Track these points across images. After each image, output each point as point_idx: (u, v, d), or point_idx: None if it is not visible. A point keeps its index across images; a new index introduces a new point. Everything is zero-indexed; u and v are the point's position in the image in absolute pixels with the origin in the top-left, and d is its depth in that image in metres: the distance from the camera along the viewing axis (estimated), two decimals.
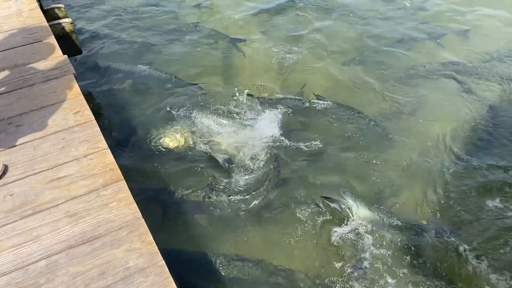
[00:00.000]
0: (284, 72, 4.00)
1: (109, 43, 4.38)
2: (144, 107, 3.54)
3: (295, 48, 4.32)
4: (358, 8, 5.01)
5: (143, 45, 4.33)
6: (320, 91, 3.72)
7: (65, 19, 3.55)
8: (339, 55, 4.23)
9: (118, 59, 4.09)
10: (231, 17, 4.82)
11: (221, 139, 3.22)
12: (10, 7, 3.19)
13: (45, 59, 2.69)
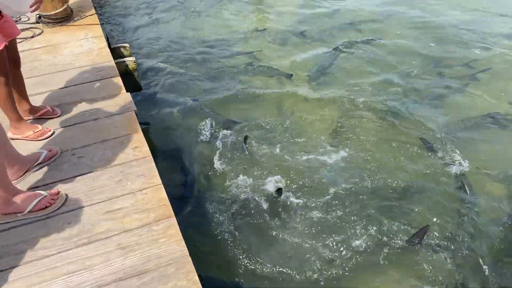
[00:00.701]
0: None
1: (166, 79, 4.60)
2: (196, 143, 3.65)
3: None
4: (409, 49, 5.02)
5: (197, 82, 4.52)
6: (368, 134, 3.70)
7: (129, 58, 3.79)
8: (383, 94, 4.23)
9: (174, 96, 4.28)
10: (283, 60, 4.95)
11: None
12: (82, 46, 3.46)
13: (110, 96, 2.87)
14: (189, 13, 6.08)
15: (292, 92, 4.36)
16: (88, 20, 3.81)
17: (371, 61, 4.93)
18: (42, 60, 3.26)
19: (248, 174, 3.28)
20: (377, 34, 5.50)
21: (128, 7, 6.17)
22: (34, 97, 2.82)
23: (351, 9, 6.28)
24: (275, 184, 3.18)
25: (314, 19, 5.89)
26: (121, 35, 5.45)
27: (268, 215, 2.98)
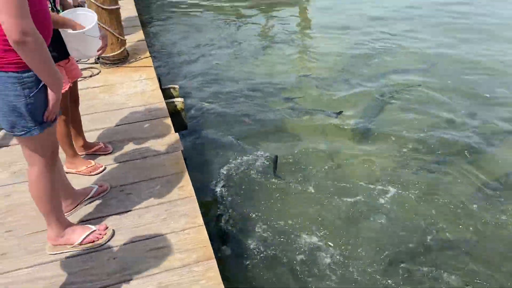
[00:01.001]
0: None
1: (210, 118, 4.75)
2: (237, 181, 3.70)
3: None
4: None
5: (241, 123, 4.63)
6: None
7: (178, 99, 3.97)
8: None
9: (218, 134, 4.40)
10: (328, 104, 5.01)
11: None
12: (136, 87, 3.67)
13: (160, 135, 3.01)
14: (236, 55, 6.32)
15: (336, 134, 4.38)
16: (143, 62, 4.05)
17: (420, 106, 4.88)
18: (98, 99, 3.48)
19: (288, 216, 3.28)
20: (427, 76, 5.48)
21: (180, 49, 6.49)
22: (89, 133, 2.99)
23: (398, 51, 6.32)
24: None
25: (360, 64, 5.95)
26: (171, 74, 5.72)
27: (305, 268, 2.94)
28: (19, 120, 1.74)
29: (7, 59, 1.62)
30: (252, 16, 8.04)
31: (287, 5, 8.69)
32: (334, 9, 8.24)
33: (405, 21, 7.58)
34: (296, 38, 7.05)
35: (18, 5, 1.47)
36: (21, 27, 1.49)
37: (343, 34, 7.01)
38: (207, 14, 8.08)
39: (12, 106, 1.70)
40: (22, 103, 1.69)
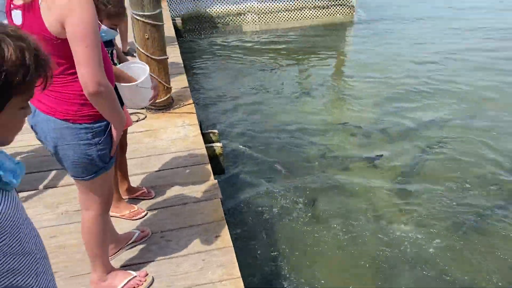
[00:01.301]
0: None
1: (246, 162, 4.82)
2: (273, 228, 3.70)
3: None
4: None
5: (276, 168, 4.67)
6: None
7: (217, 144, 4.08)
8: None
9: (253, 179, 4.46)
10: (363, 154, 4.99)
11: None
12: (179, 132, 3.82)
13: (199, 182, 3.09)
14: (273, 100, 6.47)
15: (371, 187, 4.34)
16: (186, 108, 4.22)
17: (465, 153, 4.80)
18: (143, 143, 3.64)
19: (327, 268, 3.23)
20: (471, 122, 5.39)
21: (220, 93, 6.72)
22: (133, 177, 3.11)
23: (439, 96, 6.28)
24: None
25: (400, 110, 5.94)
26: (211, 118, 5.90)
27: None
28: (89, 166, 1.84)
29: (83, 112, 1.74)
30: (290, 61, 8.26)
31: (325, 50, 8.88)
32: (372, 54, 8.34)
33: (446, 65, 7.57)
34: (334, 84, 7.15)
35: (97, 58, 1.58)
36: (97, 78, 1.59)
37: (382, 80, 7.07)
38: (246, 59, 8.36)
39: (83, 154, 1.80)
40: (93, 150, 1.80)
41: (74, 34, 1.55)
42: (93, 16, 1.57)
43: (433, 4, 12.19)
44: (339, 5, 10.91)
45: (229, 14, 10.36)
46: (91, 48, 1.56)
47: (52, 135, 1.76)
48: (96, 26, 1.59)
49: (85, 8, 1.54)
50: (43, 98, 1.74)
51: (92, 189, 1.94)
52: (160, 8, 3.73)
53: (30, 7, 1.58)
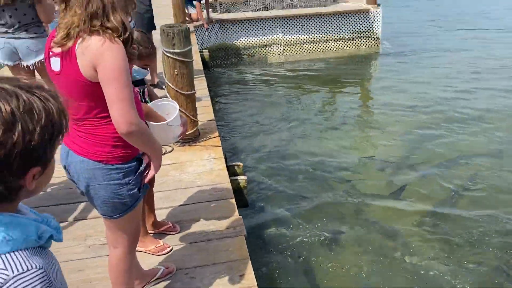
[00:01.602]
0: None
1: (270, 195, 4.82)
2: (302, 267, 3.65)
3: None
4: None
5: (302, 202, 4.65)
6: None
7: (242, 177, 4.09)
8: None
9: (278, 212, 4.45)
10: (389, 190, 4.91)
11: None
12: (205, 165, 3.86)
13: (224, 217, 3.09)
14: (298, 132, 6.50)
15: (399, 221, 4.26)
16: (212, 141, 4.28)
17: (495, 194, 4.66)
18: (169, 176, 3.69)
19: None
20: (500, 161, 5.26)
21: (245, 124, 6.80)
22: (158, 211, 3.14)
23: (466, 133, 6.17)
24: None
25: (427, 146, 5.86)
26: (235, 149, 5.96)
27: None
28: (119, 205, 1.88)
29: (114, 154, 1.80)
30: (316, 92, 8.33)
31: (350, 82, 8.92)
32: (398, 88, 8.32)
33: (474, 96, 7.46)
34: (359, 117, 7.15)
35: (127, 98, 1.65)
36: (129, 118, 1.65)
37: (408, 114, 7.02)
38: (271, 90, 8.47)
39: (114, 193, 1.84)
40: (123, 189, 1.84)
41: (106, 77, 1.63)
42: (123, 60, 1.65)
43: (461, 36, 12.15)
44: (364, 37, 11.00)
45: (254, 45, 10.58)
46: (121, 90, 1.63)
47: (84, 175, 1.82)
48: (126, 68, 1.66)
49: (115, 52, 1.63)
50: (77, 139, 1.80)
51: (120, 227, 1.98)
52: (190, 46, 3.85)
53: (68, 54, 1.67)
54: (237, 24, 10.34)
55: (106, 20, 1.64)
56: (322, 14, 10.60)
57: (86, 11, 1.62)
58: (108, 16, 1.64)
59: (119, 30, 1.65)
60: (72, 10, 1.64)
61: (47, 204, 3.29)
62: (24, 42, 3.72)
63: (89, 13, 1.62)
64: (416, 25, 13.63)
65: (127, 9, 1.72)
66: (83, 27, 1.63)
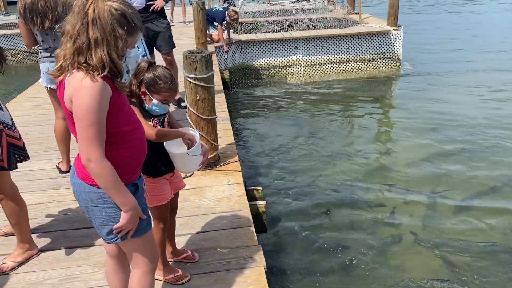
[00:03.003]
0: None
1: (290, 223, 4.75)
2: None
3: None
4: None
5: (321, 233, 4.57)
6: None
7: (261, 201, 4.06)
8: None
9: (300, 242, 4.38)
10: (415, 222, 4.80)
11: None
12: (224, 191, 3.84)
13: (243, 247, 3.06)
14: (317, 155, 6.44)
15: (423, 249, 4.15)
16: (232, 166, 4.27)
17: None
18: (189, 201, 3.68)
19: None
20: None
21: (264, 145, 6.79)
22: (177, 238, 3.12)
23: (488, 161, 6.01)
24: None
25: (449, 172, 5.73)
26: (254, 173, 5.94)
27: None
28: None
29: None
30: (335, 114, 8.29)
31: (370, 103, 8.87)
32: (419, 110, 8.22)
33: (495, 126, 7.29)
34: (380, 139, 7.07)
35: (88, 137, 1.71)
36: (87, 155, 1.73)
37: (430, 136, 6.92)
38: (291, 111, 8.48)
39: (109, 216, 1.89)
40: (118, 213, 1.87)
41: (75, 113, 1.72)
42: (95, 99, 1.68)
43: (482, 57, 12.00)
44: (385, 58, 10.96)
45: (274, 66, 10.65)
46: (86, 128, 1.70)
47: (82, 197, 1.90)
48: (96, 107, 1.68)
49: (85, 94, 1.67)
50: (80, 163, 1.86)
51: (133, 250, 2.01)
52: (212, 71, 3.88)
53: (61, 84, 1.78)
54: (257, 45, 10.44)
55: (90, 57, 1.69)
56: (343, 36, 10.62)
57: (74, 46, 1.70)
58: (91, 52, 1.69)
59: (98, 69, 1.69)
60: (66, 43, 1.73)
61: (68, 228, 3.31)
62: None
63: (75, 48, 1.70)
64: (436, 46, 13.53)
65: (116, 45, 1.72)
66: (71, 61, 1.71)
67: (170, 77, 2.36)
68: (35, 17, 3.59)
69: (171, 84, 2.35)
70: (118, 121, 1.82)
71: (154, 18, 5.53)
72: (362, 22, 12.09)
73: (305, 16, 12.72)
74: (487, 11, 20.82)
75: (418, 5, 24.20)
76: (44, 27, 3.63)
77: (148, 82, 2.33)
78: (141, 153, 1.98)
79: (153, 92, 2.35)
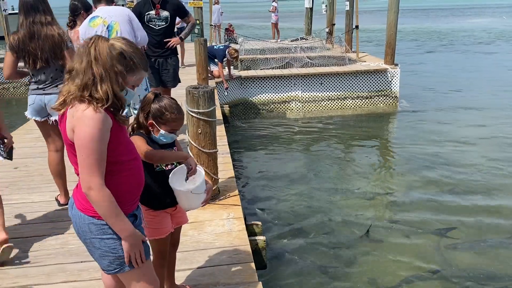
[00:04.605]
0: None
1: (290, 259, 4.69)
2: None
3: None
4: None
5: (321, 270, 4.50)
6: None
7: (260, 237, 4.03)
8: None
9: (300, 281, 4.30)
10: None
11: None
12: (224, 226, 3.81)
13: (243, 283, 3.01)
14: (315, 190, 6.44)
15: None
16: (232, 200, 4.25)
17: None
18: (188, 236, 3.64)
19: None
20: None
21: (263, 182, 6.78)
22: (176, 273, 3.07)
23: (489, 193, 6.00)
24: None
25: (450, 209, 5.71)
26: (254, 207, 5.90)
27: None
28: (115, 260, 1.92)
29: None
30: (333, 149, 8.38)
31: (368, 140, 8.94)
32: (416, 147, 8.27)
33: (493, 163, 7.33)
34: (377, 176, 7.07)
35: (89, 166, 1.76)
36: (87, 184, 1.77)
37: (426, 175, 6.91)
38: (289, 146, 8.55)
39: (109, 247, 1.90)
40: (117, 244, 1.89)
41: (76, 143, 1.78)
42: (97, 129, 1.75)
43: (478, 92, 12.22)
44: (382, 95, 11.14)
45: (273, 101, 10.80)
46: (86, 158, 1.76)
47: (82, 228, 1.91)
48: (97, 137, 1.75)
49: (87, 123, 1.74)
50: (79, 194, 1.90)
51: (130, 282, 2.01)
52: (214, 106, 3.94)
53: (63, 116, 1.85)
54: (257, 81, 10.63)
55: (95, 91, 1.77)
56: (341, 73, 10.84)
57: (81, 82, 1.79)
58: (96, 87, 1.77)
59: (103, 100, 1.76)
60: (74, 79, 1.81)
61: (66, 261, 3.26)
62: (54, 97, 3.84)
63: (82, 84, 1.78)
64: (433, 83, 13.81)
65: (117, 80, 1.82)
66: (77, 95, 1.78)
67: (176, 107, 2.41)
68: (27, 57, 3.67)
69: (177, 114, 2.40)
70: (118, 151, 1.88)
71: (168, 54, 5.69)
72: (359, 61, 12.36)
73: (304, 54, 13.01)
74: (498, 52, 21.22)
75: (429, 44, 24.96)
76: (36, 67, 3.71)
77: (155, 113, 2.37)
78: (139, 183, 2.02)
79: (160, 123, 2.38)
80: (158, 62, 5.69)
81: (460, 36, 28.77)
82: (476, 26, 35.23)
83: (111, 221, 1.83)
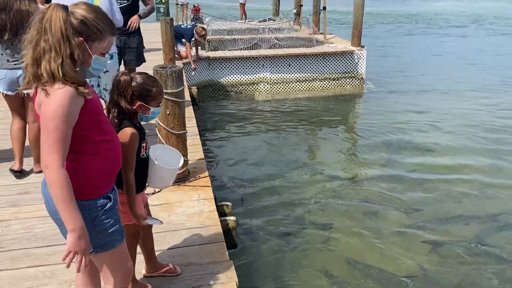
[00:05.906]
0: None
1: (260, 238, 4.75)
2: None
3: None
4: None
5: (290, 241, 4.59)
6: None
7: (231, 217, 4.04)
8: None
9: (269, 257, 4.37)
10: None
11: None
12: (194, 207, 3.81)
13: (215, 263, 3.03)
14: (284, 170, 6.50)
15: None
16: (202, 181, 4.24)
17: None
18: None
19: None
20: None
21: (232, 163, 6.79)
22: None
23: (453, 180, 6.24)
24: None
25: (409, 189, 5.91)
26: (223, 188, 5.91)
27: None
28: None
29: (80, 190, 1.79)
30: (301, 130, 8.45)
31: (335, 121, 9.08)
32: (381, 128, 8.45)
33: (457, 143, 7.61)
34: (344, 155, 7.20)
35: (52, 142, 1.68)
36: (46, 161, 1.69)
37: (392, 154, 7.10)
38: (258, 128, 8.55)
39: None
40: (89, 225, 1.83)
41: (41, 119, 1.72)
42: (59, 107, 1.66)
43: (441, 77, 12.59)
44: (349, 77, 11.28)
45: (242, 83, 10.74)
46: (47, 134, 1.68)
47: (54, 207, 1.79)
48: (60, 115, 1.66)
49: (51, 100, 1.67)
50: None
51: (102, 263, 1.99)
52: (182, 86, 3.88)
53: (36, 92, 1.77)
54: (225, 62, 10.52)
55: (47, 65, 1.69)
56: (309, 55, 10.88)
57: (32, 55, 1.70)
58: (48, 61, 1.69)
59: (52, 77, 1.68)
60: (26, 49, 1.73)
61: (31, 246, 3.17)
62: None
63: (34, 57, 1.69)
64: (402, 66, 14.10)
65: (73, 54, 1.71)
66: (32, 72, 1.71)
67: (154, 79, 2.36)
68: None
69: (160, 85, 2.35)
70: (91, 129, 1.81)
71: (130, 32, 5.51)
72: (327, 42, 12.44)
73: (272, 35, 12.95)
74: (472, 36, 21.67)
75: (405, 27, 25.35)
76: (3, 37, 3.69)
77: (140, 93, 2.27)
78: (115, 166, 1.96)
79: (148, 101, 2.31)
80: (121, 40, 5.52)
81: (436, 19, 29.49)
82: (443, 10, 36.10)
83: (60, 206, 1.70)
